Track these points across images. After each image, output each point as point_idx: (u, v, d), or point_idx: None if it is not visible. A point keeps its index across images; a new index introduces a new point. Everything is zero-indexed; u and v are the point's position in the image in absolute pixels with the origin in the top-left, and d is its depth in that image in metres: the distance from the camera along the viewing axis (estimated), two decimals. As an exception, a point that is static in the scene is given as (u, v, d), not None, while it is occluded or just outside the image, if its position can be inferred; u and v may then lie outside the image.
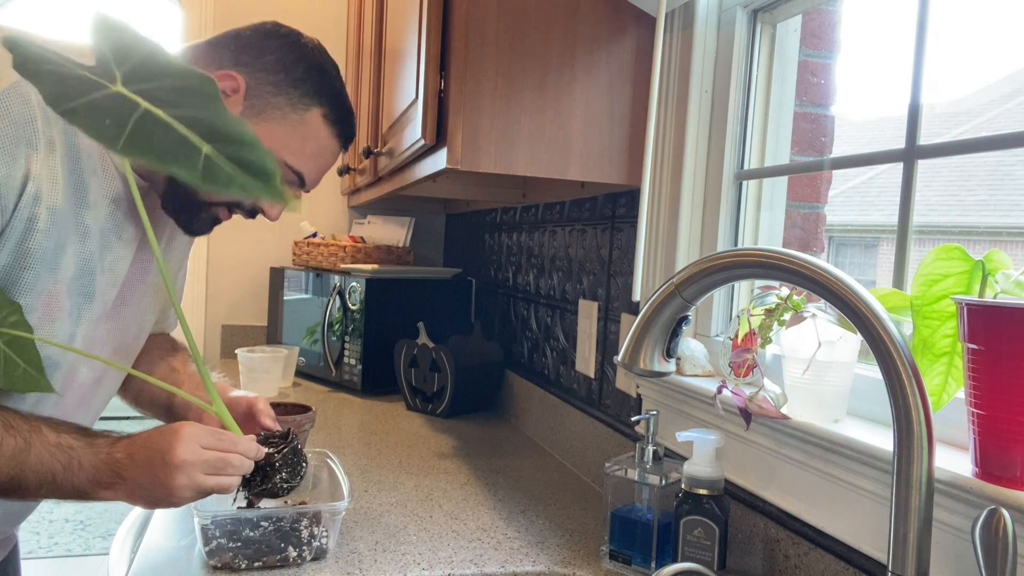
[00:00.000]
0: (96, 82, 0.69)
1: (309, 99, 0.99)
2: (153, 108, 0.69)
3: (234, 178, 0.68)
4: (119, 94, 0.69)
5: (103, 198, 0.91)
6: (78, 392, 0.98)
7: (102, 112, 0.68)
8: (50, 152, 0.83)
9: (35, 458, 0.83)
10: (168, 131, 0.68)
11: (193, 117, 0.70)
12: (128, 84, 0.69)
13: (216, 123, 0.70)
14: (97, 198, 0.90)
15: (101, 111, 0.68)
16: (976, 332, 0.65)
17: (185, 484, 0.85)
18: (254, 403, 1.06)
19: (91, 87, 0.69)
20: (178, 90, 0.70)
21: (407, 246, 2.46)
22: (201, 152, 0.68)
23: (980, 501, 0.66)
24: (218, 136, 0.70)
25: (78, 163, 0.86)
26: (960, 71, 1.28)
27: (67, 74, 0.68)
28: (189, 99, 0.70)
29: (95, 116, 0.68)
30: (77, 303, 0.91)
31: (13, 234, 0.82)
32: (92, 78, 0.69)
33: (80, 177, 0.87)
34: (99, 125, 0.68)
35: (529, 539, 1.13)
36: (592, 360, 1.48)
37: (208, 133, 0.69)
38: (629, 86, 1.25)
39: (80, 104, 0.68)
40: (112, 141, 0.67)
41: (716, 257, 0.72)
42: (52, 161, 0.83)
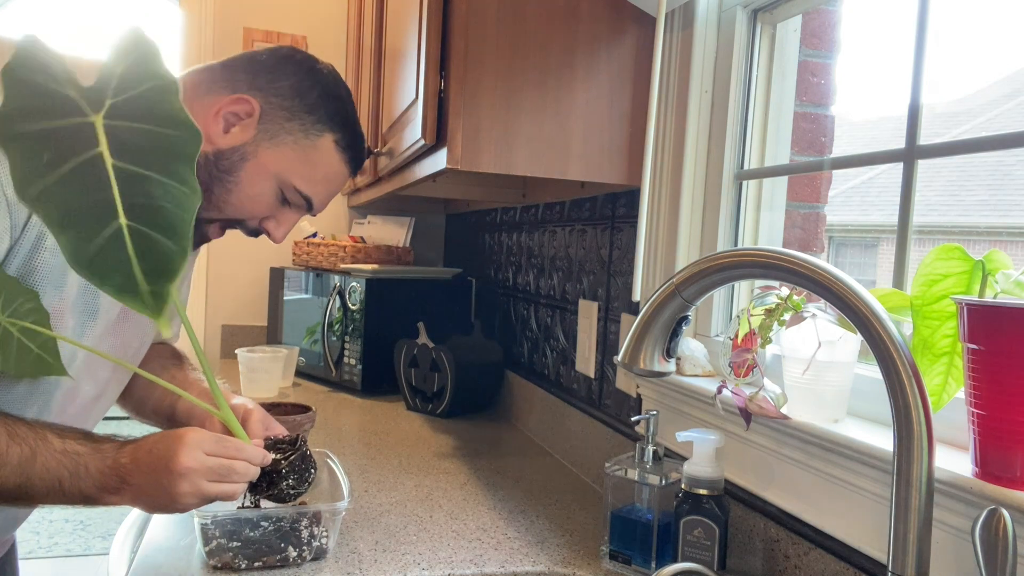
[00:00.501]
0: (77, 106, 0.65)
1: (322, 125, 0.99)
2: (107, 154, 0.64)
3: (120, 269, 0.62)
4: (88, 125, 0.65)
5: None
6: (78, 408, 0.98)
7: (48, 144, 0.64)
8: None
9: (41, 466, 0.83)
10: (99, 187, 0.64)
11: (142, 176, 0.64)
12: (111, 117, 0.66)
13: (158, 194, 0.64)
14: None
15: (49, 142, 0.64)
16: (976, 332, 0.65)
17: (188, 491, 0.85)
18: (248, 414, 1.03)
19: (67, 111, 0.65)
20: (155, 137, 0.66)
21: (407, 246, 2.46)
22: (114, 223, 0.63)
23: (980, 501, 0.66)
24: (148, 211, 0.64)
25: None
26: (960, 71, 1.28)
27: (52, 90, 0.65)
28: (157, 153, 0.66)
29: (39, 146, 0.64)
30: (81, 320, 0.91)
31: (21, 252, 0.82)
32: (77, 101, 0.65)
33: None
34: (32, 158, 0.63)
35: (529, 539, 1.13)
36: (592, 360, 1.48)
37: (140, 203, 0.64)
38: (629, 86, 1.25)
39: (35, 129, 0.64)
40: (29, 182, 0.62)
41: (716, 257, 0.72)
42: None
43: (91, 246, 0.64)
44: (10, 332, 0.80)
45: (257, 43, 2.54)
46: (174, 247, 0.66)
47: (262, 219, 1.02)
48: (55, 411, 0.94)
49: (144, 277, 0.66)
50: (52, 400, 0.93)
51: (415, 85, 1.32)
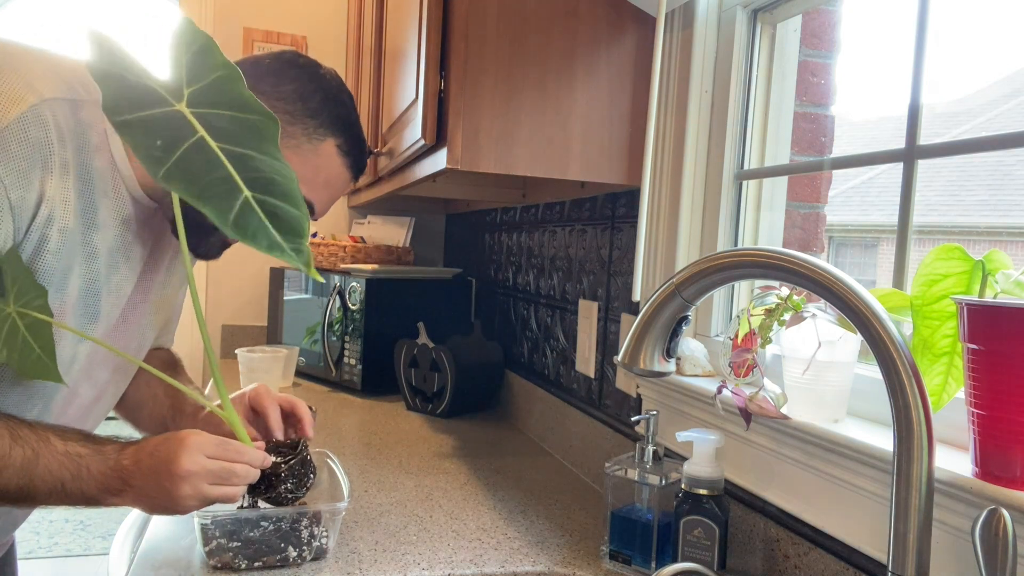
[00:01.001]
0: (161, 96, 0.68)
1: (324, 130, 1.00)
2: (208, 138, 0.68)
3: (263, 230, 0.68)
4: (179, 114, 0.68)
5: (112, 219, 0.91)
6: (78, 410, 0.99)
7: (156, 131, 0.67)
8: (64, 174, 0.83)
9: (44, 467, 0.83)
10: (215, 166, 0.68)
11: (244, 155, 0.69)
12: (192, 105, 0.69)
13: (264, 168, 0.69)
14: (106, 219, 0.90)
15: (155, 129, 0.67)
16: (976, 332, 0.65)
17: (190, 494, 0.85)
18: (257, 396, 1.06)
19: (154, 101, 0.68)
20: (239, 122, 0.69)
21: (407, 246, 2.46)
22: (241, 196, 0.68)
23: (980, 501, 0.66)
24: (261, 183, 0.69)
25: (90, 184, 0.87)
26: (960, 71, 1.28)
27: (135, 83, 0.68)
28: (247, 135, 0.69)
29: (148, 134, 0.67)
30: (81, 323, 0.91)
31: (23, 254, 0.82)
32: (159, 91, 0.68)
33: (91, 198, 0.87)
34: (149, 145, 0.67)
35: (529, 539, 1.13)
36: (592, 360, 1.48)
37: (252, 177, 0.69)
38: (629, 86, 1.25)
39: (136, 118, 0.67)
40: (156, 165, 0.66)
41: (716, 257, 0.72)
42: (65, 183, 0.83)
43: (231, 214, 0.68)
44: (16, 326, 0.81)
45: (257, 43, 2.54)
46: (296, 212, 0.71)
47: None
48: (55, 413, 0.94)
49: (282, 237, 0.69)
50: (52, 402, 0.93)
51: (415, 85, 1.32)
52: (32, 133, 0.79)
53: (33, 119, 0.79)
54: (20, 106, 0.78)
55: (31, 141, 0.78)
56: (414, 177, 1.47)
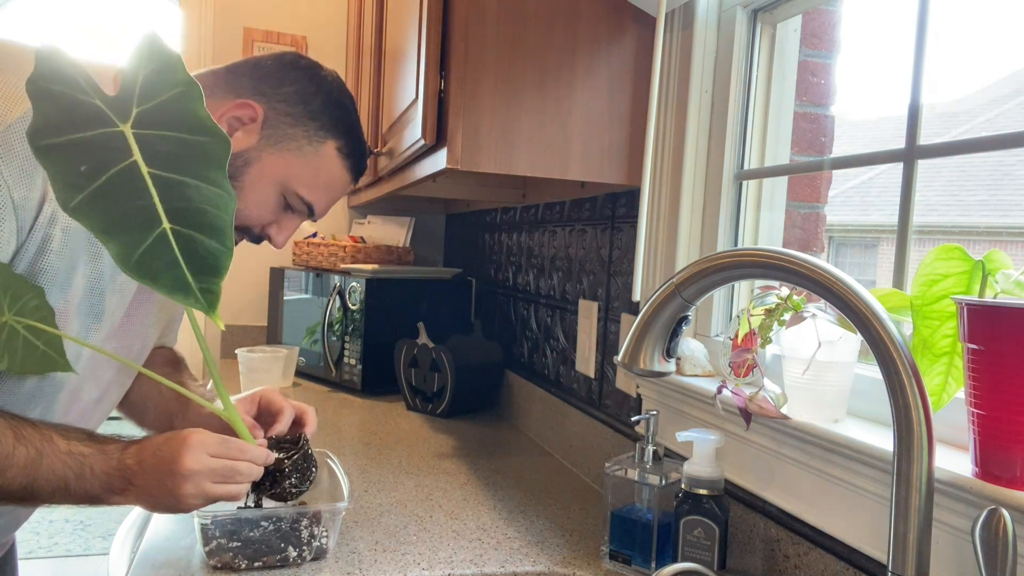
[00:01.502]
0: (104, 117, 0.65)
1: (325, 132, 1.00)
2: (142, 162, 0.64)
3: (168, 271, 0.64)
4: (118, 135, 0.65)
5: None
6: (81, 409, 0.99)
7: (82, 156, 0.64)
8: None
9: (47, 467, 0.83)
10: (138, 194, 0.64)
11: (178, 183, 0.65)
12: (139, 126, 0.66)
13: (195, 197, 0.65)
14: None
15: (82, 154, 0.64)
16: (976, 332, 0.65)
17: (193, 492, 0.85)
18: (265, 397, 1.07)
19: (93, 122, 0.64)
20: (185, 145, 0.66)
21: (407, 246, 2.46)
22: (158, 228, 0.64)
23: (980, 501, 0.66)
24: (189, 214, 0.65)
25: None
26: (960, 71, 1.28)
27: (77, 100, 0.64)
28: (190, 160, 0.66)
29: (73, 159, 0.64)
30: (86, 323, 0.91)
31: (27, 254, 0.82)
32: (103, 110, 0.65)
33: None
34: (71, 172, 0.63)
35: (529, 539, 1.13)
36: (592, 360, 1.48)
37: (180, 207, 0.65)
38: (629, 86, 1.25)
39: (64, 141, 0.63)
40: (71, 194, 0.63)
41: (716, 257, 0.72)
42: None
43: (138, 251, 0.65)
44: (16, 330, 0.80)
45: (257, 43, 2.54)
46: (219, 246, 0.68)
47: (264, 225, 1.03)
48: (58, 412, 0.94)
49: (193, 276, 0.67)
50: (56, 401, 0.93)
51: (415, 85, 1.32)
52: None
53: None
54: (23, 105, 0.78)
55: None
56: (414, 177, 1.47)
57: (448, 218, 2.79)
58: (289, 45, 2.56)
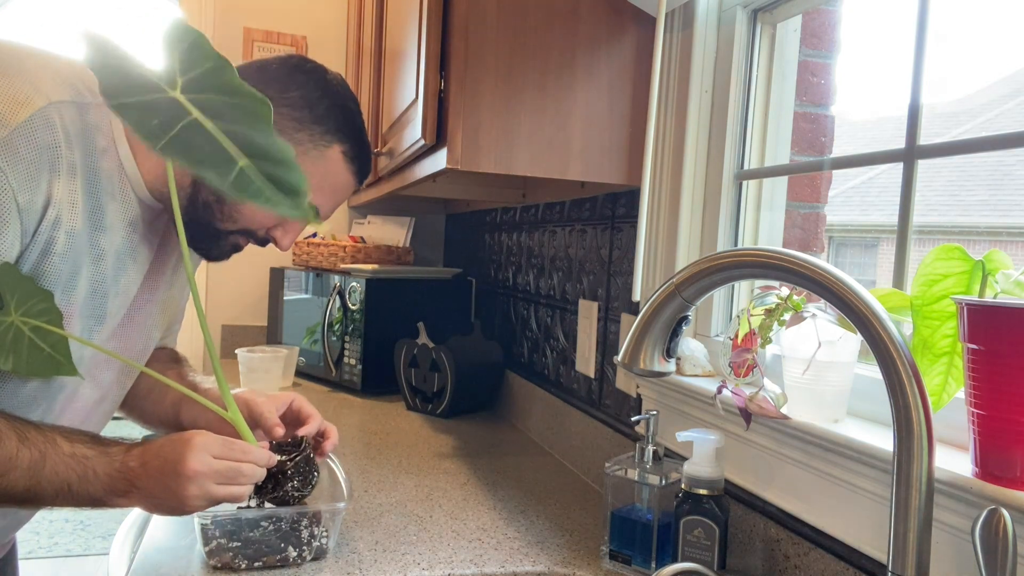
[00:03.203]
0: (156, 84, 0.71)
1: (330, 136, 1.00)
2: (202, 118, 0.71)
3: (263, 190, 0.70)
4: (174, 99, 0.71)
5: (120, 221, 0.91)
6: (80, 412, 0.99)
7: (153, 112, 0.70)
8: (71, 176, 0.83)
9: (50, 469, 0.83)
10: (210, 141, 0.70)
11: (238, 132, 0.71)
12: (186, 92, 0.71)
13: (259, 141, 0.71)
14: (114, 221, 0.90)
15: (152, 111, 0.70)
16: (976, 332, 0.65)
17: (196, 494, 0.85)
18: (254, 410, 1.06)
19: (150, 88, 0.71)
20: (232, 105, 0.72)
21: (407, 246, 2.46)
22: (237, 164, 0.70)
23: (980, 501, 0.66)
24: (258, 153, 0.72)
25: (97, 186, 0.87)
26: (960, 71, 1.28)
27: (131, 71, 0.70)
28: (240, 116, 0.72)
29: (145, 114, 0.70)
30: (88, 325, 0.91)
31: (31, 256, 0.82)
32: (153, 80, 0.71)
33: (98, 200, 0.87)
34: (146, 122, 0.70)
35: (529, 539, 1.13)
36: (592, 360, 1.48)
37: (249, 148, 0.71)
38: (629, 86, 1.25)
39: (134, 101, 0.70)
40: (154, 140, 0.69)
41: (716, 257, 0.72)
42: (73, 185, 0.83)
43: (228, 179, 0.69)
44: (22, 331, 0.81)
45: (257, 43, 2.54)
46: (295, 176, 0.72)
47: (269, 228, 1.03)
48: (56, 414, 0.94)
49: (283, 195, 0.71)
50: (56, 402, 0.93)
51: (415, 85, 1.32)
52: (40, 136, 0.79)
53: (41, 122, 0.79)
54: (28, 109, 0.78)
55: (39, 144, 0.79)
56: (414, 177, 1.47)
57: (448, 218, 2.79)
58: (289, 45, 2.56)
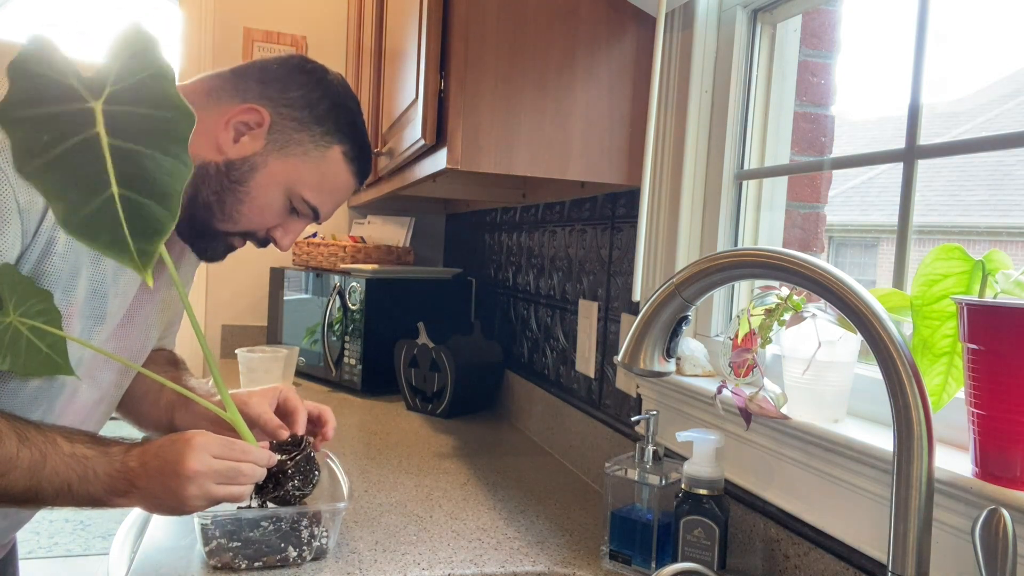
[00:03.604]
0: (77, 93, 0.69)
1: (331, 136, 1.00)
2: (103, 134, 0.69)
3: (108, 230, 0.68)
4: (86, 111, 0.69)
5: None
6: (79, 412, 0.99)
7: (48, 127, 0.68)
8: None
9: (51, 469, 0.83)
10: (91, 162, 0.68)
11: (137, 153, 0.70)
12: (110, 102, 0.70)
13: (152, 168, 0.70)
14: None
15: (47, 125, 0.68)
16: (976, 332, 0.65)
17: (196, 494, 0.85)
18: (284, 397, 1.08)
19: (67, 98, 0.69)
20: (152, 120, 0.70)
21: (407, 246, 2.46)
22: (107, 191, 0.68)
23: (980, 501, 0.66)
24: (139, 180, 0.70)
25: None
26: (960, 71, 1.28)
27: (53, 80, 0.69)
28: (154, 134, 0.70)
29: (38, 129, 0.68)
30: (88, 325, 0.91)
31: (31, 257, 0.82)
32: (76, 88, 0.69)
33: None
34: (31, 140, 0.68)
35: (529, 539, 1.13)
36: (592, 360, 1.48)
37: (132, 174, 0.69)
38: (629, 86, 1.25)
39: (33, 114, 0.68)
40: (26, 158, 0.68)
41: (716, 257, 0.72)
42: None
43: (83, 211, 0.69)
44: (20, 331, 0.81)
45: (257, 43, 2.54)
46: (164, 211, 0.71)
47: (269, 228, 1.03)
48: (57, 414, 0.94)
49: (133, 237, 0.70)
50: (56, 403, 0.93)
51: (415, 85, 1.32)
52: None
53: None
54: None
55: None
56: (414, 177, 1.47)
57: (448, 218, 2.79)
58: (289, 45, 2.56)
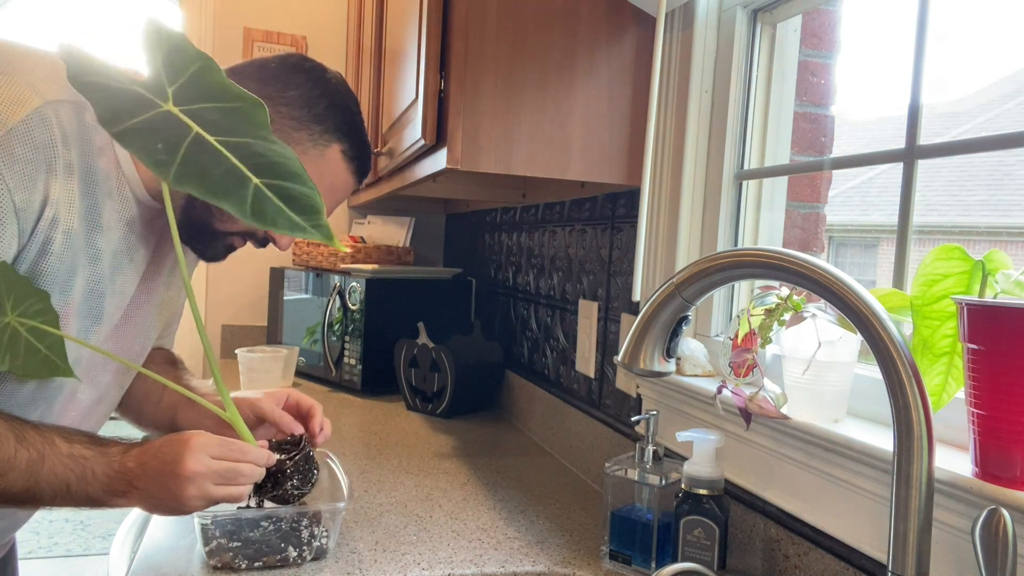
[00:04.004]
0: (148, 100, 0.69)
1: (329, 135, 1.00)
2: (204, 133, 0.69)
3: (281, 214, 0.68)
4: (170, 113, 0.69)
5: (117, 221, 0.91)
6: (79, 412, 0.99)
7: (154, 134, 0.68)
8: (68, 176, 0.83)
9: (49, 470, 0.83)
10: (219, 160, 0.68)
11: (242, 145, 0.69)
12: (179, 103, 0.69)
13: (264, 153, 0.69)
14: (111, 221, 0.90)
15: (153, 133, 0.68)
16: (976, 332, 0.65)
17: (195, 495, 0.85)
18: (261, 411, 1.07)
19: (143, 105, 0.68)
20: (227, 113, 0.70)
21: (407, 246, 2.46)
22: (251, 184, 0.68)
23: (980, 501, 0.66)
24: (267, 168, 0.70)
25: (94, 186, 0.87)
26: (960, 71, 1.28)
27: (119, 89, 0.68)
28: (238, 124, 0.70)
29: (148, 139, 0.68)
30: (85, 325, 0.91)
31: (28, 256, 0.82)
32: (144, 94, 0.69)
33: (95, 200, 0.87)
34: (151, 149, 0.68)
35: (529, 539, 1.13)
36: (592, 360, 1.48)
37: (256, 164, 0.69)
38: (629, 86, 1.25)
39: (133, 124, 0.68)
40: (164, 169, 0.67)
41: (716, 257, 0.72)
42: (70, 185, 0.83)
43: (247, 205, 0.68)
44: (19, 332, 0.81)
45: (257, 43, 2.54)
46: (307, 189, 0.71)
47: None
48: (56, 415, 0.94)
49: (301, 217, 0.70)
50: (55, 403, 0.93)
51: (415, 85, 1.32)
52: (36, 135, 0.79)
53: (37, 121, 0.79)
54: (24, 108, 0.78)
55: (35, 143, 0.78)
56: (414, 177, 1.47)
57: (448, 218, 2.79)
58: (289, 45, 2.56)
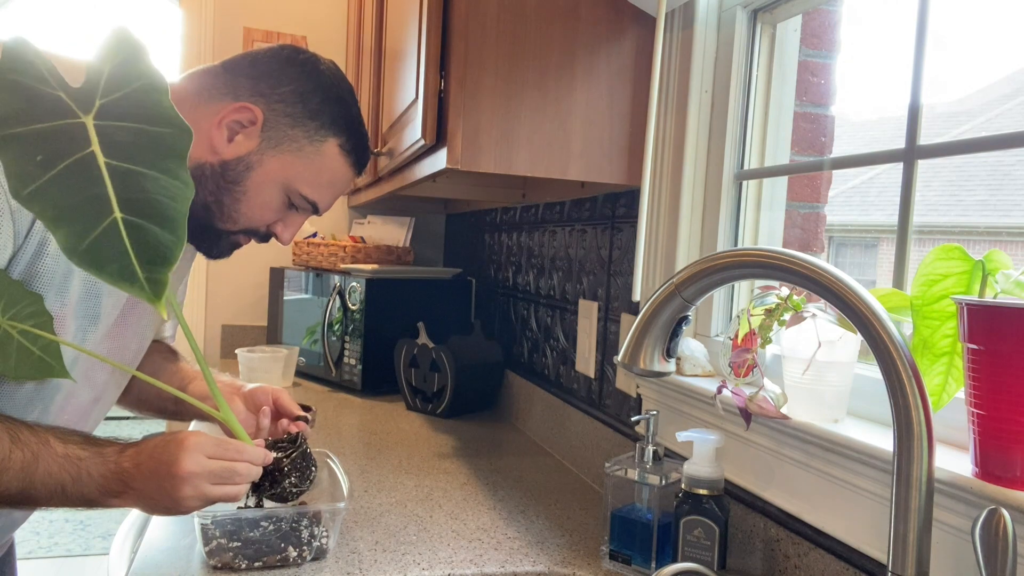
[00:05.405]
0: (66, 108, 0.66)
1: (325, 130, 0.99)
2: (99, 153, 0.65)
3: (119, 258, 0.64)
4: (78, 126, 0.66)
5: None
6: (77, 412, 0.99)
7: (40, 145, 0.64)
8: None
9: (44, 470, 0.83)
10: (91, 185, 0.65)
11: (134, 173, 0.66)
12: (102, 116, 0.66)
13: (151, 188, 0.66)
14: None
15: (41, 144, 0.65)
16: (976, 332, 0.65)
17: (191, 495, 0.85)
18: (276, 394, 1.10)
19: (56, 113, 0.65)
20: (146, 136, 0.67)
21: (407, 246, 2.46)
22: (109, 217, 0.64)
23: (980, 501, 0.66)
24: (141, 204, 0.66)
25: None
26: (960, 71, 1.28)
27: (38, 92, 0.65)
28: (148, 152, 0.67)
29: (30, 148, 0.64)
30: (82, 325, 0.91)
31: (24, 257, 0.82)
32: (65, 102, 0.66)
33: None
34: (25, 161, 0.64)
35: (529, 539, 1.13)
36: (592, 360, 1.48)
37: (133, 198, 0.65)
38: (629, 86, 1.25)
39: (23, 131, 0.64)
40: (24, 181, 0.63)
41: (716, 257, 0.72)
42: None
43: (87, 240, 0.65)
44: (10, 335, 0.80)
45: (257, 43, 2.54)
46: (170, 237, 0.68)
47: (270, 224, 1.03)
48: (53, 415, 0.94)
49: (140, 266, 0.67)
50: (52, 404, 0.93)
51: (415, 85, 1.32)
52: None
53: None
54: None
55: None
56: (414, 177, 1.47)
57: (448, 218, 2.79)
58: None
